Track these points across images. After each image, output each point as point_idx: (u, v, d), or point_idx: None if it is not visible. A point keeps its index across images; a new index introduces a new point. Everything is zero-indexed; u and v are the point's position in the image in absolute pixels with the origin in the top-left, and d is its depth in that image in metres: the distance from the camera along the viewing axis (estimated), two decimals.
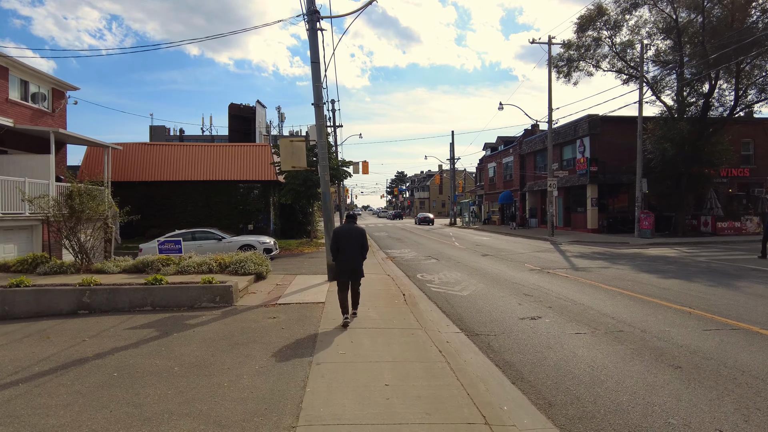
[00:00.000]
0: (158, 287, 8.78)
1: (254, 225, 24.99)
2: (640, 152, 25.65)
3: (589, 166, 29.82)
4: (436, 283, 11.83)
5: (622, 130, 30.52)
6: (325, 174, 11.25)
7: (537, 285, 11.00)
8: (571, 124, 32.36)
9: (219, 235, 16.94)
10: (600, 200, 30.56)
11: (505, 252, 19.32)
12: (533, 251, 19.58)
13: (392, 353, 5.73)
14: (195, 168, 25.08)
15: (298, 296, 9.55)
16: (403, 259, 17.64)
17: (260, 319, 7.59)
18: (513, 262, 15.89)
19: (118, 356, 5.75)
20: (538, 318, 7.83)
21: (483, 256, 17.80)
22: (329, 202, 11.33)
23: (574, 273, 12.89)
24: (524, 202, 41.04)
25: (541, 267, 14.29)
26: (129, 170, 24.76)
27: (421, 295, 10.12)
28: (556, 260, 16.18)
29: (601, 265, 14.47)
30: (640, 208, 25.68)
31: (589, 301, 9.07)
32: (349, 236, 7.16)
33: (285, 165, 11.29)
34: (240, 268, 11.37)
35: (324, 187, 11.30)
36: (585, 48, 30.53)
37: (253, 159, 25.34)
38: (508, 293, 10.09)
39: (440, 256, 18.44)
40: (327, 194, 11.33)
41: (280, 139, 11.40)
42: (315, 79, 11.27)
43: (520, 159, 41.71)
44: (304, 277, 12.18)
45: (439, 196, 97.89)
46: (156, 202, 24.91)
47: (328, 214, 11.31)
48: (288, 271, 13.48)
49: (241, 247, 16.75)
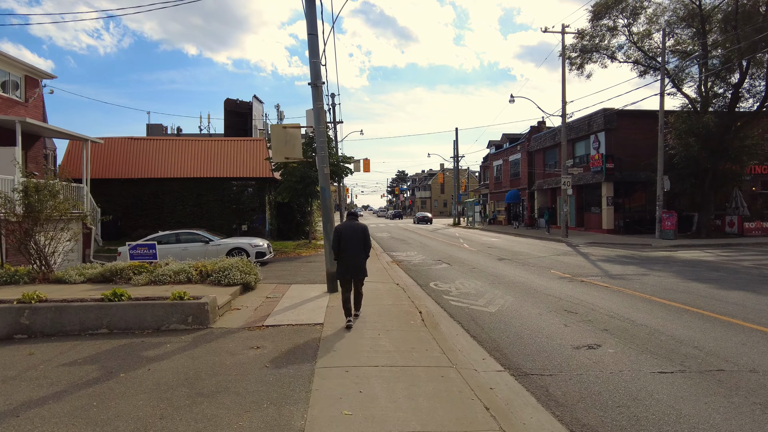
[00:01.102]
0: (117, 305, 7.04)
1: (248, 225, 23.25)
2: (661, 147, 23.90)
3: (605, 162, 28.09)
4: (454, 294, 10.10)
5: (639, 125, 28.84)
6: (324, 166, 9.52)
7: (575, 297, 9.27)
8: (584, 119, 30.63)
9: (206, 237, 15.21)
10: (615, 199, 28.83)
11: (522, 255, 17.59)
12: (552, 254, 17.85)
13: (419, 414, 3.99)
14: (185, 164, 23.34)
15: (291, 314, 7.81)
16: (410, 264, 15.91)
17: (239, 350, 5.86)
18: (535, 267, 14.16)
19: (19, 423, 3.99)
20: (596, 346, 6.11)
21: (499, 261, 16.07)
22: (329, 200, 9.60)
23: (611, 281, 11.16)
24: (532, 201, 39.31)
25: (570, 274, 12.56)
26: (114, 167, 23.02)
27: (440, 312, 8.39)
28: (583, 265, 14.45)
29: (636, 272, 12.74)
30: (661, 207, 23.95)
31: (651, 320, 7.34)
32: (351, 234, 6.96)
33: (277, 155, 9.56)
34: (223, 277, 9.65)
35: (323, 181, 9.57)
36: (599, 38, 28.86)
37: (247, 155, 23.60)
38: (545, 309, 8.37)
39: (451, 260, 16.70)
40: (326, 190, 9.60)
41: (272, 126, 9.67)
42: (312, 53, 9.53)
43: (529, 156, 39.98)
44: (300, 288, 10.44)
45: (441, 196, 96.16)
46: (143, 200, 23.17)
47: (328, 213, 9.59)
48: (282, 280, 11.74)
49: (231, 251, 15.02)
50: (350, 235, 6.95)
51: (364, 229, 7.11)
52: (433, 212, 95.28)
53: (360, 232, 7.03)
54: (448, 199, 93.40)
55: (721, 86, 23.55)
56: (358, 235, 6.99)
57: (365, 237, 7.06)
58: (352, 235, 6.97)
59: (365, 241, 7.05)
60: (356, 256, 6.92)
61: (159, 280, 9.81)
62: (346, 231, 6.98)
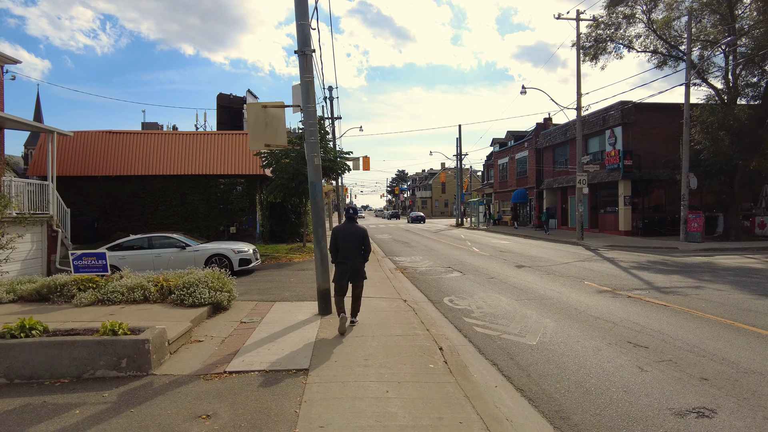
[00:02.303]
0: (20, 344, 5.07)
1: (237, 227, 21.26)
2: (686, 142, 21.95)
3: (623, 159, 26.13)
4: (476, 315, 8.14)
5: (659, 119, 26.91)
6: (313, 155, 7.55)
7: (632, 321, 7.32)
8: (599, 113, 28.67)
9: (182, 241, 13.23)
10: (633, 198, 26.88)
11: (542, 261, 15.62)
12: (575, 260, 15.89)
13: None
14: (168, 160, 21.34)
15: (266, 351, 5.84)
16: (417, 272, 13.95)
17: (179, 423, 3.89)
18: (563, 277, 12.20)
19: None
20: (709, 413, 4.15)
21: (518, 268, 14.10)
22: (320, 197, 7.63)
23: (665, 297, 9.20)
24: (541, 200, 37.34)
25: (609, 286, 10.59)
26: (91, 163, 21.02)
27: (465, 346, 6.42)
28: (617, 274, 12.49)
29: (686, 283, 10.78)
30: (686, 207, 22.00)
31: (759, 361, 5.38)
32: (349, 238, 6.62)
33: (255, 142, 7.59)
34: (188, 295, 7.67)
35: (313, 173, 7.60)
36: (615, 26, 26.95)
37: (236, 150, 21.60)
38: (602, 340, 6.40)
39: (463, 267, 14.73)
40: (317, 185, 7.62)
41: (248, 105, 7.70)
42: (300, 14, 7.55)
43: (536, 153, 38.02)
44: (285, 307, 8.47)
45: (442, 196, 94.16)
46: (123, 200, 21.17)
47: (319, 214, 7.61)
48: (265, 295, 9.76)
49: (210, 258, 13.05)
50: (348, 238, 6.59)
51: (363, 232, 6.71)
52: (434, 212, 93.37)
53: (358, 235, 6.65)
54: (449, 199, 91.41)
55: (755, 74, 21.57)
56: (357, 239, 6.62)
57: (364, 241, 6.70)
58: (350, 239, 6.59)
59: (364, 245, 6.71)
60: (354, 260, 6.61)
61: (108, 299, 7.84)
62: (343, 234, 6.62)
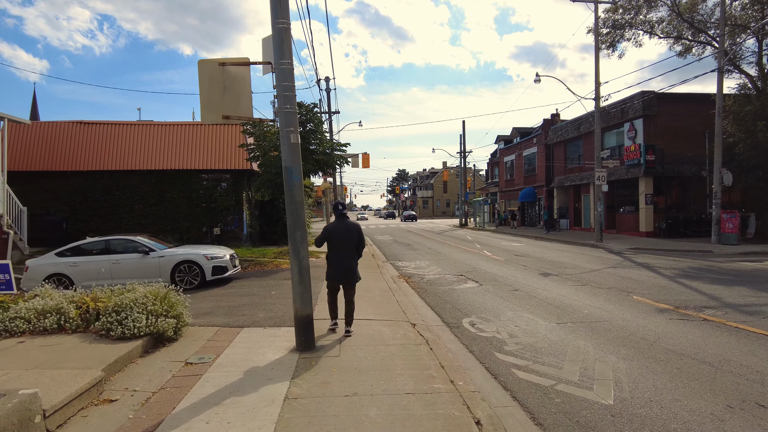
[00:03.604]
0: None
1: (222, 228, 19.14)
2: (718, 134, 19.84)
3: (645, 154, 24.00)
4: (512, 349, 6.02)
5: (684, 111, 24.78)
6: (290, 130, 5.44)
7: (737, 363, 5.20)
8: (616, 105, 26.53)
9: (146, 245, 11.11)
10: (655, 197, 24.75)
11: (568, 268, 13.50)
12: (605, 266, 13.78)
13: None
14: (145, 154, 19.22)
15: (206, 429, 3.71)
16: (424, 281, 11.84)
17: None
18: (601, 289, 10.08)
19: None
20: None
21: (544, 276, 11.98)
22: (297, 189, 5.51)
23: (751, 321, 7.08)
24: (551, 199, 35.22)
25: (668, 303, 8.47)
26: (58, 156, 18.91)
27: (509, 410, 4.27)
28: (665, 285, 10.37)
29: (765, 299, 8.66)
30: (719, 206, 19.91)
31: None
32: (343, 235, 6.13)
33: (210, 113, 5.49)
34: (116, 323, 5.56)
35: (289, 155, 5.49)
36: (635, 10, 24.88)
37: (220, 142, 19.49)
38: (714, 398, 4.29)
39: (477, 274, 12.62)
40: (294, 171, 5.50)
41: (200, 61, 5.58)
42: None
43: (546, 150, 35.90)
44: (254, 336, 6.35)
45: (444, 195, 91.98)
46: (94, 198, 19.06)
47: (296, 212, 5.50)
48: (233, 315, 7.63)
49: (178, 266, 10.94)
50: (344, 236, 6.17)
51: (358, 229, 6.29)
52: (436, 212, 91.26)
53: (353, 233, 6.23)
54: (451, 199, 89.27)
55: None
56: (352, 238, 6.21)
57: (359, 238, 6.28)
58: (346, 236, 6.18)
59: (359, 242, 6.31)
60: (349, 258, 6.23)
61: (8, 329, 5.73)
62: (337, 232, 6.20)
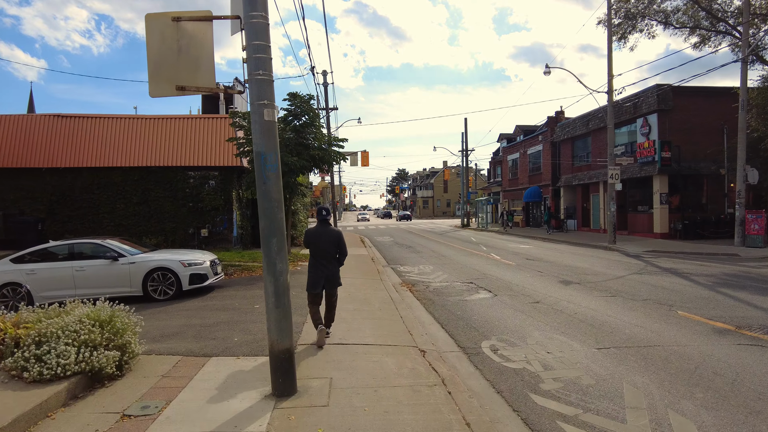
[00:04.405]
0: None
1: (210, 229, 17.79)
2: (742, 129, 18.53)
3: (660, 151, 22.67)
4: (552, 388, 4.68)
5: (701, 105, 23.48)
6: (262, 104, 4.09)
7: None
8: (629, 99, 25.18)
9: (116, 250, 9.76)
10: (670, 196, 23.44)
11: (588, 274, 12.17)
12: (629, 272, 12.45)
13: None
14: (128, 149, 17.88)
15: None
16: (430, 289, 10.51)
17: None
18: (635, 301, 8.75)
19: None
20: None
21: (565, 285, 10.64)
22: (273, 183, 4.14)
23: None
24: (557, 199, 33.90)
25: (722, 320, 7.14)
26: (33, 152, 17.56)
27: None
28: (707, 297, 9.04)
29: None
30: (743, 206, 18.60)
31: None
32: (323, 242, 6.02)
33: (159, 83, 4.18)
34: (34, 359, 4.22)
35: (261, 136, 4.10)
36: (649, 0, 23.61)
37: (209, 137, 18.15)
38: None
39: (489, 281, 11.29)
40: (268, 158, 4.11)
41: (147, 15, 4.22)
42: None
43: (552, 148, 34.56)
44: (222, 370, 5.00)
45: (444, 195, 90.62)
46: (73, 197, 17.71)
47: (271, 211, 4.14)
48: (202, 339, 6.28)
49: (151, 273, 9.59)
50: (322, 243, 6.01)
51: (339, 235, 6.13)
52: (436, 212, 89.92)
53: (334, 239, 6.08)
54: (452, 199, 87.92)
55: None
56: (332, 244, 6.07)
57: (339, 245, 6.12)
58: (326, 243, 6.03)
59: (339, 249, 6.16)
60: (330, 266, 6.07)
61: None
62: (316, 239, 6.04)
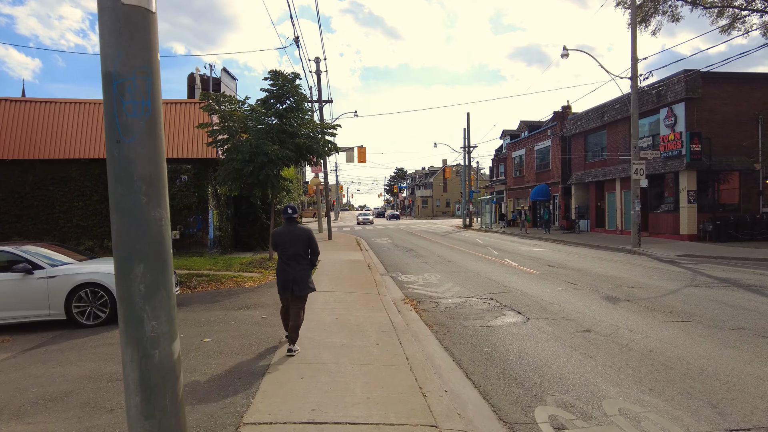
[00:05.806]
0: None
1: (182, 231, 15.46)
2: None
3: (688, 143, 20.44)
4: None
5: (732, 94, 21.30)
6: None
7: None
8: (652, 87, 22.92)
9: (32, 260, 7.44)
10: (698, 194, 21.22)
11: (632, 287, 9.88)
12: (680, 284, 10.18)
13: None
14: (88, 139, 15.56)
15: None
16: (441, 309, 8.21)
17: None
18: (722, 330, 6.47)
19: None
20: None
21: (612, 303, 8.36)
22: (140, 139, 1.95)
23: None
24: (568, 197, 31.66)
25: None
26: None
27: None
28: None
29: None
30: None
31: None
32: (291, 241, 5.57)
33: None
34: None
35: (112, 31, 1.88)
36: None
37: (180, 125, 15.85)
38: None
39: (514, 297, 8.99)
40: (133, 89, 1.89)
41: None
42: None
43: (562, 143, 32.32)
44: None
45: (444, 194, 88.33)
46: (23, 193, 15.37)
47: (134, 201, 1.93)
48: (86, 420, 3.98)
49: (78, 290, 7.27)
50: (291, 243, 5.58)
51: (308, 234, 5.72)
52: (436, 212, 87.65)
53: (303, 238, 5.64)
54: (452, 198, 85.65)
55: None
56: (301, 244, 5.60)
57: (310, 243, 5.70)
58: (294, 243, 5.57)
59: (311, 247, 5.70)
60: (299, 267, 5.58)
61: None
62: (283, 239, 5.62)
